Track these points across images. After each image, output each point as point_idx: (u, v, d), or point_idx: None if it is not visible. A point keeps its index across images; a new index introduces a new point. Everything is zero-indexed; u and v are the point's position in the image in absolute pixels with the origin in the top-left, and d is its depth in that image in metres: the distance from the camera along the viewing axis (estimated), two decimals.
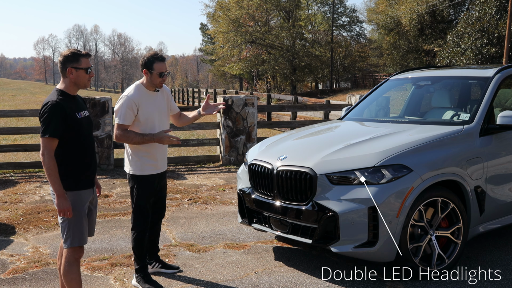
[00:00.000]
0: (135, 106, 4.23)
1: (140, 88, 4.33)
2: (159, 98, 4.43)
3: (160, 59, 4.28)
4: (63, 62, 3.54)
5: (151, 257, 4.68)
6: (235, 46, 49.69)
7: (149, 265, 4.64)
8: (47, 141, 3.43)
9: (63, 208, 3.46)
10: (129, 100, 4.23)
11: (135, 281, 4.42)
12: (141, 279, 4.37)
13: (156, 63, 4.25)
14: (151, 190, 4.39)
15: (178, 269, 4.72)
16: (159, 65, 4.26)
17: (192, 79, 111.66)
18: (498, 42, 27.12)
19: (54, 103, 3.45)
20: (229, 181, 8.72)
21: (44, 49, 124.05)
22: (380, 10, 50.68)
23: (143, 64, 4.27)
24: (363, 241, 4.18)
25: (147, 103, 4.30)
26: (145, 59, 4.29)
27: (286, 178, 4.56)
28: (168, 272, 4.67)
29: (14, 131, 11.33)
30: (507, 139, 4.99)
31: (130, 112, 4.22)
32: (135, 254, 4.42)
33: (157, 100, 4.40)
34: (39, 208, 6.96)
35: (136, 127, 4.30)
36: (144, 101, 4.29)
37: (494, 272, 4.57)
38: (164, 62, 4.30)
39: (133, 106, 4.23)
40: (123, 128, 4.24)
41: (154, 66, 4.25)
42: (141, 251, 4.40)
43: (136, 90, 4.31)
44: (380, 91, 6.41)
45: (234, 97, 10.26)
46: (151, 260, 4.67)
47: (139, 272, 4.40)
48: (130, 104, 4.22)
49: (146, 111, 4.28)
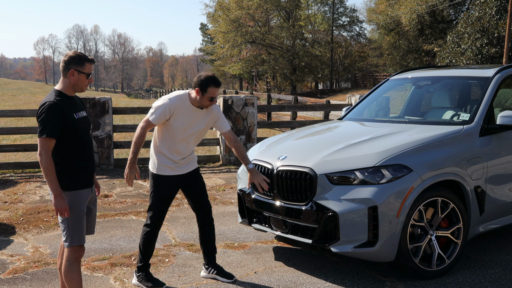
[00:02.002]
0: (169, 113, 4.22)
1: (185, 99, 4.29)
2: (200, 116, 4.36)
3: (216, 84, 4.22)
4: (67, 62, 3.55)
5: (208, 261, 4.56)
6: (235, 46, 49.68)
7: (205, 270, 4.56)
8: (44, 141, 3.44)
9: (60, 207, 3.48)
10: (167, 105, 4.21)
11: (135, 280, 4.38)
12: (143, 278, 4.35)
13: (211, 87, 4.20)
14: (166, 190, 4.37)
15: (233, 278, 4.48)
16: (213, 90, 4.21)
17: (192, 79, 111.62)
18: (498, 42, 27.13)
19: (52, 104, 3.45)
20: (229, 181, 8.73)
21: (44, 49, 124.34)
22: (380, 10, 50.68)
23: (198, 84, 4.21)
24: (363, 241, 4.18)
25: (184, 116, 4.27)
26: (202, 79, 4.22)
27: (286, 178, 4.56)
28: (223, 280, 4.45)
29: (14, 131, 11.32)
30: (507, 139, 5.00)
31: (163, 116, 4.22)
32: (140, 251, 4.39)
33: (196, 117, 4.34)
34: (39, 208, 6.96)
35: (166, 128, 4.29)
36: (182, 113, 4.26)
37: (494, 272, 4.58)
38: (218, 88, 4.25)
39: (168, 112, 4.21)
40: (150, 125, 4.25)
41: (208, 89, 4.20)
42: (147, 249, 4.38)
43: (179, 100, 4.27)
44: (380, 91, 6.41)
45: (234, 97, 10.27)
46: (208, 265, 4.55)
47: (140, 271, 4.38)
48: (166, 109, 4.21)
49: (179, 122, 4.26)
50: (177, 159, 4.33)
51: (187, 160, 4.41)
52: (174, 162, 4.33)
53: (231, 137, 4.49)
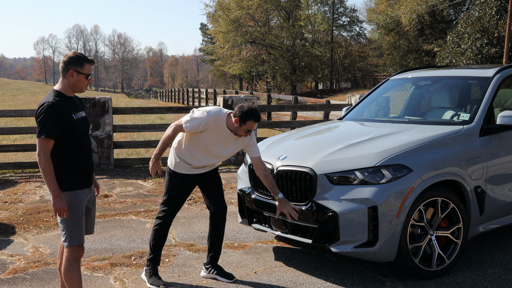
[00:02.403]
0: (203, 128, 4.23)
1: (222, 120, 4.29)
2: (232, 140, 4.37)
3: (256, 119, 4.23)
4: (66, 63, 3.55)
5: (210, 261, 4.56)
6: (235, 46, 49.67)
7: (206, 270, 4.57)
8: (43, 142, 3.44)
9: (58, 208, 3.48)
10: (205, 120, 4.22)
11: (144, 274, 4.49)
12: (148, 272, 4.44)
13: (250, 121, 4.22)
14: (182, 186, 4.47)
15: (233, 279, 4.48)
16: (252, 124, 4.24)
17: (192, 79, 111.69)
18: (498, 42, 27.12)
19: (51, 104, 3.45)
20: (229, 181, 8.72)
21: (44, 49, 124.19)
22: (380, 10, 50.67)
23: (239, 115, 4.20)
24: (363, 241, 4.18)
25: (216, 134, 4.29)
26: (244, 110, 4.20)
27: (286, 178, 4.56)
28: (223, 280, 4.46)
29: (14, 131, 11.32)
30: (507, 139, 5.00)
31: (196, 128, 4.24)
32: (150, 243, 4.51)
33: (227, 139, 4.36)
34: (39, 208, 6.96)
35: (194, 139, 4.32)
36: (215, 132, 4.28)
37: (494, 272, 4.57)
38: (258, 122, 4.27)
39: (202, 127, 4.22)
40: (181, 129, 4.30)
41: (247, 122, 4.22)
42: (156, 241, 4.48)
43: (216, 119, 4.26)
44: (380, 91, 6.41)
45: (234, 97, 10.27)
46: (209, 265, 4.56)
47: (149, 263, 4.49)
48: (202, 123, 4.21)
49: (209, 138, 4.29)
50: (196, 165, 4.42)
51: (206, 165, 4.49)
52: (191, 166, 4.42)
53: (259, 165, 4.45)
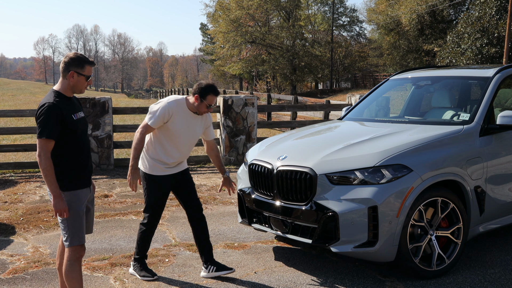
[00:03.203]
0: (168, 115, 4.32)
1: (183, 104, 4.42)
2: (195, 122, 4.50)
3: (215, 93, 4.39)
4: (67, 63, 3.55)
5: (206, 259, 4.58)
6: (235, 46, 49.68)
7: (205, 270, 4.56)
8: (43, 143, 3.45)
9: (59, 208, 3.49)
10: (166, 108, 4.32)
11: (131, 269, 4.61)
12: (138, 267, 4.56)
13: (210, 95, 4.37)
14: (160, 189, 4.49)
15: (232, 269, 4.57)
16: (212, 98, 4.39)
17: (192, 79, 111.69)
18: (498, 42, 27.14)
19: (51, 105, 3.45)
20: None
21: (44, 49, 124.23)
22: (380, 10, 50.67)
23: (198, 91, 4.36)
24: (363, 241, 4.18)
25: (180, 119, 4.39)
26: (202, 86, 4.37)
27: (286, 178, 4.56)
28: (225, 273, 4.52)
29: (14, 131, 11.32)
30: (507, 139, 4.99)
31: (161, 119, 4.31)
32: (138, 245, 4.58)
33: (192, 122, 4.47)
34: (39, 208, 6.96)
35: (161, 134, 4.39)
36: (179, 117, 4.37)
37: (494, 272, 4.57)
38: (217, 96, 4.43)
39: (167, 115, 4.31)
40: (148, 129, 4.35)
41: (207, 97, 4.37)
42: (145, 245, 4.58)
43: (177, 103, 4.39)
44: (380, 91, 6.41)
45: (234, 97, 10.26)
46: (206, 264, 4.56)
47: (136, 261, 4.58)
48: (164, 112, 4.30)
49: (176, 126, 4.37)
50: (170, 162, 4.46)
51: (180, 162, 4.55)
52: (167, 165, 4.45)
53: (213, 146, 4.76)
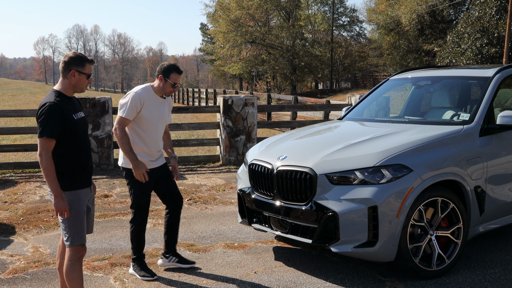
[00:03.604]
0: (140, 104, 4.41)
1: (149, 90, 4.52)
2: (163, 105, 4.62)
3: (178, 71, 4.52)
4: (68, 63, 3.56)
5: (169, 250, 4.78)
6: (235, 46, 49.67)
7: (166, 259, 4.77)
8: (45, 142, 3.45)
9: (60, 208, 3.49)
10: (136, 97, 4.41)
11: (131, 270, 4.63)
12: (137, 267, 4.58)
13: (174, 73, 4.49)
14: (146, 183, 4.51)
15: (193, 263, 4.78)
16: (176, 76, 4.50)
17: (192, 79, 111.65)
18: (498, 42, 27.14)
19: (52, 104, 3.46)
20: (229, 181, 8.73)
21: (44, 49, 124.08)
22: (380, 10, 50.68)
23: (162, 71, 4.47)
24: (363, 241, 4.18)
25: (151, 105, 4.48)
26: (165, 66, 4.50)
27: (286, 178, 4.56)
28: (184, 266, 4.73)
29: (14, 131, 11.33)
30: (507, 139, 4.99)
31: (134, 108, 4.39)
32: (133, 245, 4.60)
33: (161, 106, 4.58)
34: (39, 208, 6.96)
35: (136, 125, 4.47)
36: (149, 103, 4.47)
37: (494, 272, 4.57)
38: (180, 75, 4.55)
39: (138, 103, 4.40)
40: (124, 122, 4.41)
41: (171, 75, 4.47)
42: (139, 243, 4.60)
43: (144, 90, 4.49)
44: (380, 91, 6.41)
45: (234, 97, 10.26)
46: (168, 254, 4.78)
47: (135, 262, 4.60)
48: (135, 101, 4.40)
49: (149, 113, 4.45)
50: (153, 151, 4.53)
51: (159, 153, 4.64)
52: (150, 156, 4.52)
53: (167, 128, 4.87)
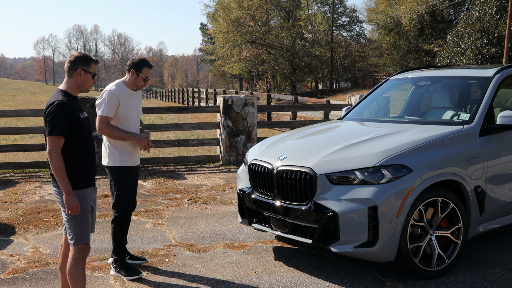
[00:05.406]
0: (117, 100, 4.52)
1: (122, 85, 4.65)
2: (136, 98, 4.76)
3: (149, 65, 4.69)
4: (74, 62, 3.60)
5: None
6: (235, 46, 49.70)
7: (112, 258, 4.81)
8: (54, 140, 3.47)
9: (71, 205, 3.51)
10: (112, 94, 4.51)
11: (113, 271, 4.63)
12: (120, 267, 4.59)
13: (145, 67, 4.65)
14: (129, 181, 4.62)
15: (144, 260, 4.89)
16: (147, 70, 4.66)
17: (192, 79, 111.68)
18: (498, 42, 27.13)
19: (61, 103, 3.50)
20: (229, 181, 8.72)
21: (44, 49, 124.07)
22: (380, 10, 50.69)
23: (133, 65, 4.62)
24: (363, 241, 4.18)
25: (127, 100, 4.61)
26: (136, 61, 4.65)
27: (286, 178, 4.56)
28: (135, 263, 4.82)
29: (14, 131, 11.33)
30: (507, 139, 4.99)
31: (112, 105, 4.49)
32: (115, 244, 4.64)
33: (134, 99, 4.72)
34: (39, 208, 6.96)
35: (117, 121, 4.57)
36: (125, 98, 4.59)
37: (494, 272, 4.57)
38: (151, 69, 4.72)
39: (115, 100, 4.51)
40: (106, 120, 4.50)
41: (142, 70, 4.64)
42: (121, 241, 4.66)
43: (117, 87, 4.61)
44: (380, 91, 6.41)
45: (234, 97, 10.26)
46: None
47: (117, 262, 4.62)
48: (112, 98, 4.50)
49: (126, 107, 4.57)
50: (134, 148, 4.63)
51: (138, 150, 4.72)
52: (135, 150, 4.62)
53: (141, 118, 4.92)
